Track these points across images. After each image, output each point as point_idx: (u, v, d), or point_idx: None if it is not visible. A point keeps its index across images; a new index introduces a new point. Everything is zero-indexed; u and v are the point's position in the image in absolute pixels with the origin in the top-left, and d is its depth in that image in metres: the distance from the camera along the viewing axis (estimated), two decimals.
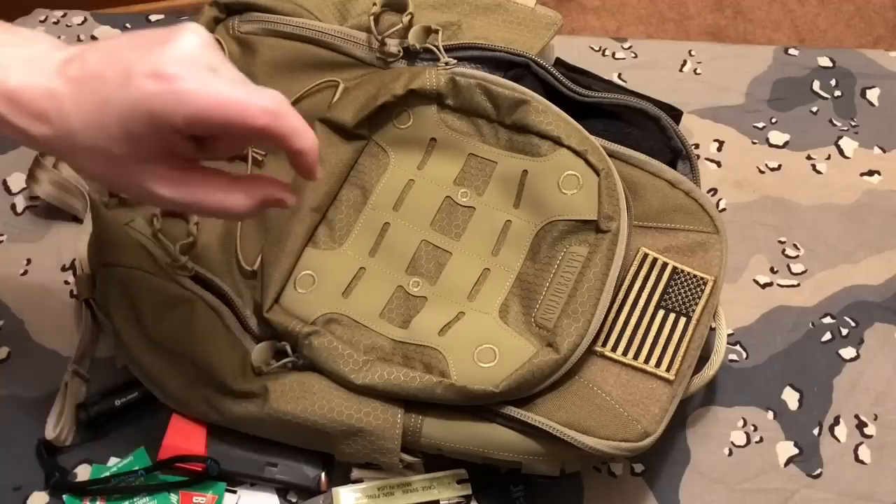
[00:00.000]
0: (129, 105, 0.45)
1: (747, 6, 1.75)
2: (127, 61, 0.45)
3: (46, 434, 0.65)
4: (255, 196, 0.50)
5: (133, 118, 0.45)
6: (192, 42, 0.46)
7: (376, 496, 0.63)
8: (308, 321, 0.64)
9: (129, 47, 0.46)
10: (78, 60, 0.47)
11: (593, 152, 0.64)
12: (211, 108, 0.45)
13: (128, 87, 0.45)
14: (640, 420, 0.60)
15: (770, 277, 0.77)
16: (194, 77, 0.45)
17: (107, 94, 0.45)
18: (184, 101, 0.45)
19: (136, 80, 0.45)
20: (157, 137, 0.46)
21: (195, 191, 0.49)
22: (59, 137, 0.47)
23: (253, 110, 0.46)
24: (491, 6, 0.74)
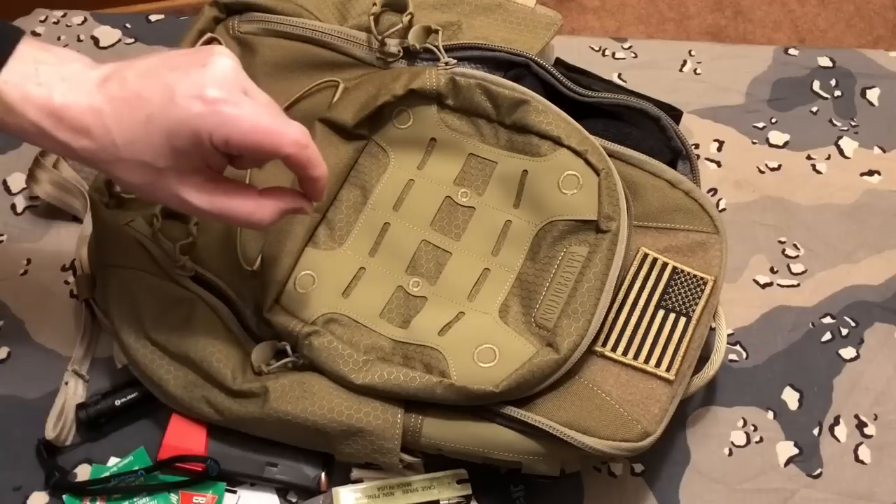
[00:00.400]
0: (174, 123, 0.49)
1: (747, 6, 1.75)
2: (169, 83, 0.50)
3: (46, 434, 0.65)
4: (280, 207, 0.55)
5: (178, 135, 0.50)
6: (226, 65, 0.50)
7: (376, 496, 0.63)
8: (308, 321, 0.64)
9: (168, 69, 0.50)
10: (117, 79, 0.51)
11: (593, 152, 0.64)
12: (249, 133, 0.50)
13: (172, 106, 0.49)
14: (640, 420, 0.60)
15: (770, 277, 0.77)
16: (233, 101, 0.50)
17: (150, 112, 0.50)
18: (225, 123, 0.49)
19: (181, 101, 0.49)
20: (198, 152, 0.51)
21: (226, 202, 0.53)
22: (101, 150, 0.51)
23: (285, 140, 0.51)
24: (491, 6, 0.74)
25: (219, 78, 0.50)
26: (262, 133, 0.50)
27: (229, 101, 0.49)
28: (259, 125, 0.50)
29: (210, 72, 0.50)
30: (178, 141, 0.50)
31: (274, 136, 0.51)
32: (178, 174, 0.52)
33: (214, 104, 0.49)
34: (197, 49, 0.52)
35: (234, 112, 0.49)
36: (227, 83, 0.50)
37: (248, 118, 0.50)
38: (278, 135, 0.51)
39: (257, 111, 0.50)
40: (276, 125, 0.51)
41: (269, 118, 0.51)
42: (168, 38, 0.85)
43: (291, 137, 0.51)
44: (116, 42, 0.86)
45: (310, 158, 0.53)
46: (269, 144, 0.51)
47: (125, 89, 0.50)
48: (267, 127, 0.50)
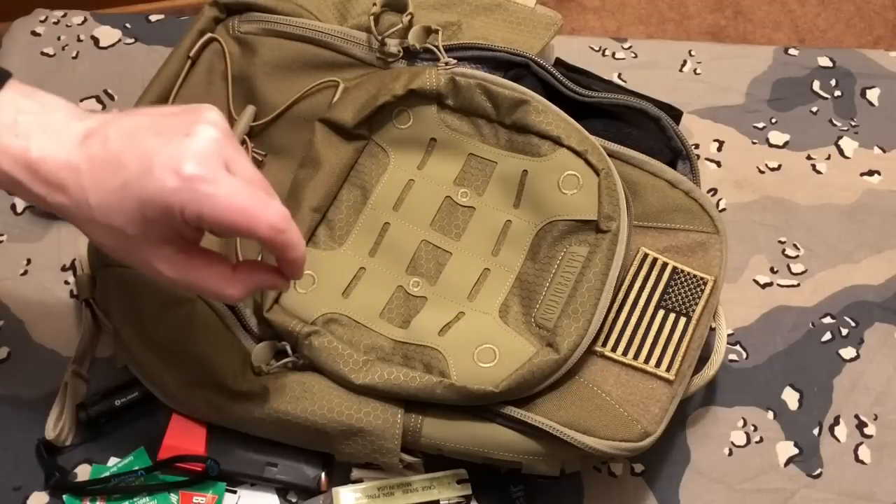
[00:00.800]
0: (148, 195, 0.47)
1: (747, 6, 1.75)
2: (148, 151, 0.48)
3: (46, 434, 0.65)
4: (251, 285, 0.53)
5: (150, 207, 0.48)
6: (209, 136, 0.48)
7: (376, 496, 0.63)
8: (308, 321, 0.64)
9: (151, 133, 0.48)
10: (99, 137, 0.49)
11: (593, 152, 0.64)
12: (223, 213, 0.48)
13: (148, 177, 0.47)
14: (640, 420, 0.60)
15: (770, 277, 0.77)
16: (210, 178, 0.47)
17: (126, 178, 0.48)
18: (199, 201, 0.47)
19: (157, 173, 0.47)
20: (169, 225, 0.49)
21: (197, 275, 0.51)
22: (75, 207, 0.49)
23: (261, 224, 0.49)
24: (491, 6, 0.74)
25: (199, 151, 0.48)
26: (237, 214, 0.48)
27: (206, 178, 0.47)
28: (234, 206, 0.48)
29: (191, 143, 0.48)
30: (150, 212, 0.48)
31: (249, 218, 0.48)
32: (148, 243, 0.50)
33: (190, 181, 0.47)
34: (186, 110, 0.50)
35: (209, 190, 0.47)
36: (207, 157, 0.48)
37: (224, 198, 0.47)
38: (254, 218, 0.48)
39: (234, 190, 0.48)
40: (252, 207, 0.48)
41: (246, 198, 0.48)
42: (168, 38, 0.85)
43: (268, 221, 0.49)
44: (116, 42, 0.86)
45: (286, 243, 0.50)
46: (245, 226, 0.48)
47: (105, 150, 0.48)
48: (243, 208, 0.48)
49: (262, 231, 0.49)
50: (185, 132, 0.48)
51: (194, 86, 0.73)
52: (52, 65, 0.84)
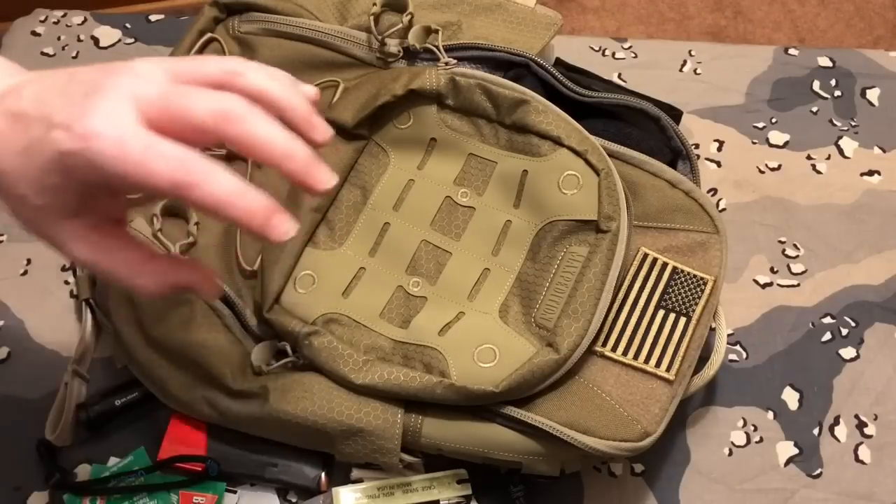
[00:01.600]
0: (46, 157, 0.42)
1: (747, 6, 1.75)
2: (51, 109, 0.43)
3: (46, 434, 0.65)
4: (168, 281, 0.47)
5: (48, 170, 0.43)
6: (124, 91, 0.43)
7: (376, 496, 0.63)
8: (308, 321, 0.64)
9: (61, 92, 0.43)
10: (13, 96, 0.44)
11: (593, 152, 0.64)
12: (117, 173, 0.42)
13: (46, 137, 0.42)
14: (640, 420, 0.60)
15: (770, 277, 0.77)
16: (109, 135, 0.41)
17: (29, 139, 0.43)
18: (94, 162, 0.42)
19: (55, 133, 0.42)
20: (73, 192, 0.44)
21: (108, 258, 0.46)
22: None
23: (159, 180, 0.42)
24: (491, 6, 0.74)
25: (103, 107, 0.42)
26: (130, 171, 0.41)
27: (100, 135, 0.41)
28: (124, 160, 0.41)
29: (96, 100, 0.42)
30: (48, 177, 0.43)
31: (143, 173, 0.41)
32: (57, 215, 0.45)
33: (84, 139, 0.41)
34: (113, 65, 0.44)
35: (99, 147, 0.41)
36: (111, 114, 0.42)
37: (113, 157, 0.41)
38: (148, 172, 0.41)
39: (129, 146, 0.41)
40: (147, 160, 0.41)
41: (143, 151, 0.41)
42: (168, 38, 0.85)
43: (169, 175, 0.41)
44: (116, 42, 0.86)
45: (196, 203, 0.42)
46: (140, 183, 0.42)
47: (16, 109, 0.44)
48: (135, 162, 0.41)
49: (164, 189, 0.42)
50: (95, 86, 0.43)
51: None
52: (52, 65, 0.84)
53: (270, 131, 0.44)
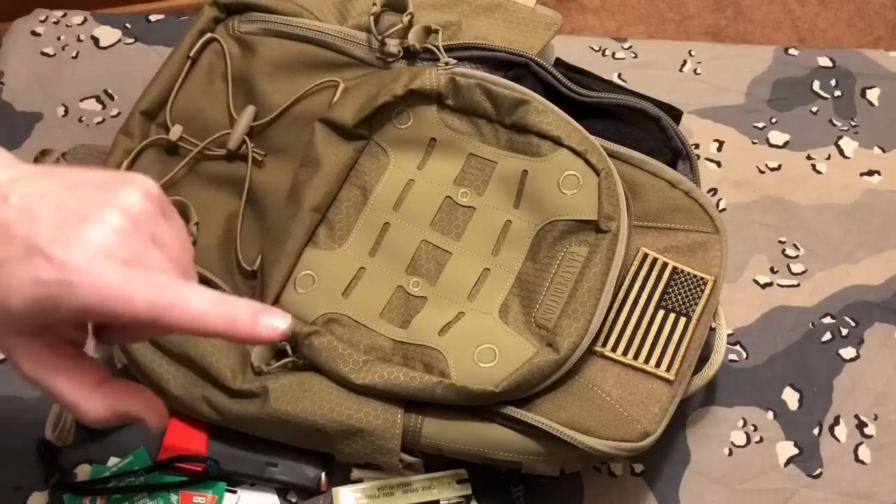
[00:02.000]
0: (19, 282, 0.41)
1: (747, 6, 1.75)
2: (37, 232, 0.41)
3: (46, 434, 0.65)
4: (113, 408, 0.45)
5: (16, 295, 0.41)
6: (111, 225, 0.41)
7: (376, 496, 0.63)
8: (308, 321, 0.64)
9: (52, 207, 0.42)
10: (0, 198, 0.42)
11: (593, 152, 0.64)
12: (94, 306, 0.41)
13: (26, 263, 0.40)
14: (640, 420, 0.60)
15: (770, 277, 0.77)
16: (89, 268, 0.40)
17: (7, 256, 0.41)
18: (70, 296, 0.40)
19: (36, 261, 0.40)
20: (38, 319, 0.42)
21: (54, 379, 0.44)
22: None
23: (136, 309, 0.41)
24: (491, 6, 0.74)
25: (91, 242, 0.41)
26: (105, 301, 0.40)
27: (80, 268, 0.40)
28: (101, 291, 0.40)
29: (85, 232, 0.41)
30: (15, 302, 0.41)
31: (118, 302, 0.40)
32: (9, 331, 0.43)
33: (63, 271, 0.40)
34: (105, 183, 0.43)
35: (77, 279, 0.40)
36: (97, 248, 0.41)
37: (90, 287, 0.40)
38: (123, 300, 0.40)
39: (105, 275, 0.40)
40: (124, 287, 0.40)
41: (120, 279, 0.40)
42: (168, 38, 0.85)
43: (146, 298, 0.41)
44: (116, 42, 0.86)
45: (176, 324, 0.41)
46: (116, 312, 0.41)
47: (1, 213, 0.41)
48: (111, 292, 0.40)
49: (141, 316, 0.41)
50: (84, 216, 0.41)
51: (194, 86, 0.73)
52: (52, 65, 0.84)
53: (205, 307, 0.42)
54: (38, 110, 0.82)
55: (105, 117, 0.81)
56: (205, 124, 0.72)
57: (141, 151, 0.71)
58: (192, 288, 0.42)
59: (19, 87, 0.83)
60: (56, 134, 0.80)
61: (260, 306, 0.43)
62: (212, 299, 0.42)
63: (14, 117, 0.81)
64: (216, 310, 0.42)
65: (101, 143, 0.75)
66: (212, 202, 0.70)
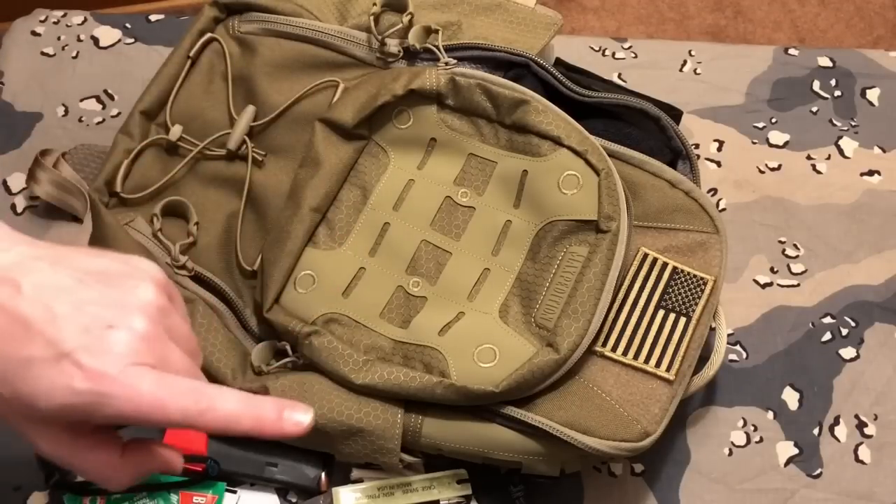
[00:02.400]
0: (48, 387, 0.41)
1: (747, 6, 1.75)
2: (63, 336, 0.41)
3: None
4: (135, 474, 0.47)
5: (47, 399, 0.41)
6: (137, 331, 0.42)
7: (376, 496, 0.63)
8: (308, 321, 0.64)
9: (70, 310, 0.42)
10: (10, 287, 0.42)
11: (593, 152, 0.64)
12: (131, 416, 0.42)
13: (56, 369, 0.41)
14: (640, 420, 0.60)
15: (770, 277, 0.77)
16: (123, 379, 0.41)
17: (31, 356, 0.41)
18: (107, 406, 0.41)
19: (67, 369, 0.41)
20: (63, 418, 0.43)
21: (79, 459, 0.45)
22: None
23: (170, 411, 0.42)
24: (491, 6, 0.74)
25: (119, 348, 0.41)
26: (143, 412, 0.42)
27: (115, 380, 0.41)
28: (138, 404, 0.42)
29: (114, 340, 0.42)
30: (44, 404, 0.41)
31: (154, 412, 0.42)
32: (32, 421, 0.44)
33: (98, 383, 0.41)
34: (117, 278, 0.44)
35: (114, 392, 0.41)
36: (126, 354, 0.42)
37: (127, 400, 0.41)
38: (159, 410, 0.42)
39: (140, 387, 0.42)
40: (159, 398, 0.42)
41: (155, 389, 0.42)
42: (168, 38, 0.85)
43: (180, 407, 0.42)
44: (116, 42, 0.86)
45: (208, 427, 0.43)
46: (153, 422, 0.42)
47: (13, 308, 0.41)
48: (148, 403, 0.42)
49: (176, 422, 0.43)
50: (108, 322, 0.42)
51: (194, 86, 0.73)
52: (52, 65, 0.84)
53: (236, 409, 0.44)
54: (38, 110, 0.82)
55: (105, 117, 0.81)
56: (205, 124, 0.72)
57: (141, 151, 0.71)
58: (221, 391, 0.44)
59: (19, 87, 0.83)
60: (56, 134, 0.80)
61: (284, 402, 0.45)
62: (240, 401, 0.44)
63: (14, 117, 0.81)
64: (245, 412, 0.44)
65: (101, 143, 0.75)
66: (212, 202, 0.70)
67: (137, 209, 0.69)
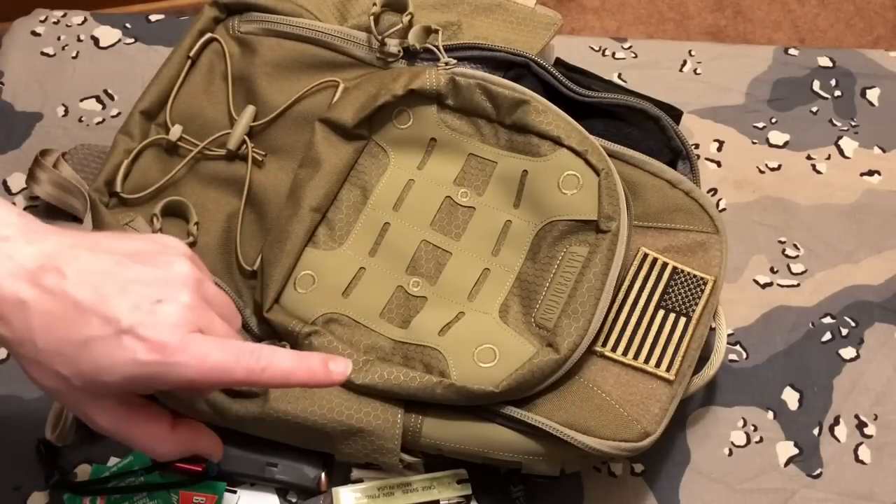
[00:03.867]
0: (113, 363, 0.44)
1: (747, 6, 1.75)
2: (117, 314, 0.44)
3: (46, 434, 0.65)
4: (183, 449, 0.50)
5: (114, 373, 0.44)
6: (183, 302, 0.45)
7: (376, 496, 0.63)
8: (308, 321, 0.64)
9: (117, 288, 0.44)
10: (55, 274, 0.44)
11: (593, 152, 0.64)
12: (196, 379, 0.45)
13: (118, 344, 0.43)
14: (640, 420, 0.60)
15: (770, 277, 0.77)
16: (183, 349, 0.44)
17: (87, 336, 0.43)
18: (176, 374, 0.44)
19: (129, 342, 0.43)
20: (124, 387, 0.45)
21: (132, 430, 0.48)
22: (17, 343, 0.44)
23: (236, 376, 0.46)
24: (491, 6, 0.74)
25: (172, 322, 0.44)
26: (212, 376, 0.45)
27: (179, 349, 0.44)
28: (205, 370, 0.44)
29: (163, 313, 0.44)
30: (110, 377, 0.44)
31: (224, 375, 0.45)
32: (92, 396, 0.46)
33: (164, 353, 0.43)
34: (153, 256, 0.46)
35: (181, 360, 0.44)
36: (179, 326, 0.44)
37: (196, 367, 0.44)
38: (226, 372, 0.45)
39: (204, 351, 0.45)
40: (224, 364, 0.45)
41: (217, 353, 0.45)
42: (168, 38, 0.85)
43: (245, 367, 0.46)
44: (116, 42, 0.86)
45: (268, 381, 0.47)
46: (221, 383, 0.46)
47: (62, 293, 0.43)
48: (213, 366, 0.45)
49: (242, 380, 0.46)
50: (157, 297, 0.45)
51: (194, 86, 0.73)
52: (52, 65, 0.84)
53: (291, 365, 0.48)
54: (38, 110, 0.82)
55: (105, 117, 0.81)
56: (205, 124, 0.72)
57: (141, 151, 0.71)
58: (274, 350, 0.47)
59: (19, 87, 0.83)
60: (56, 134, 0.80)
61: (327, 356, 0.48)
62: (293, 357, 0.47)
63: (14, 117, 0.81)
64: (298, 366, 0.47)
65: (101, 143, 0.75)
66: (212, 202, 0.70)
67: (137, 209, 0.69)
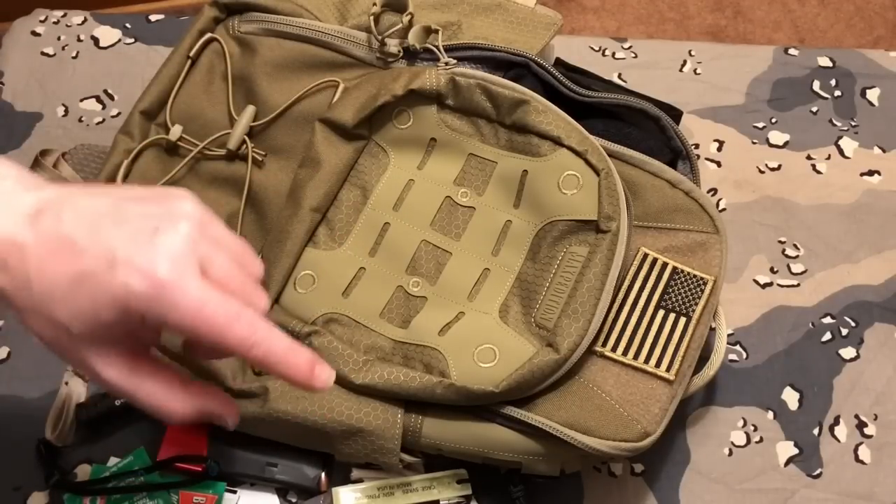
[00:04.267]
0: (108, 295, 0.42)
1: (747, 6, 1.75)
2: (110, 243, 0.42)
3: (46, 434, 0.65)
4: (197, 407, 0.48)
5: (107, 307, 0.42)
6: (183, 233, 0.43)
7: (376, 496, 0.63)
8: (308, 321, 0.64)
9: (113, 222, 0.43)
10: (51, 215, 0.43)
11: (593, 152, 0.64)
12: (189, 323, 0.43)
13: (111, 275, 0.42)
14: (640, 420, 0.60)
15: (770, 277, 0.77)
16: (181, 284, 0.42)
17: (81, 270, 0.42)
18: (165, 309, 0.42)
19: (121, 272, 0.42)
20: (124, 327, 0.44)
21: (139, 383, 0.46)
22: (14, 291, 0.43)
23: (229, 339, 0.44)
24: (491, 6, 0.74)
25: (171, 251, 0.42)
26: (204, 326, 0.43)
27: (176, 283, 0.42)
28: (201, 317, 0.42)
29: (162, 242, 0.42)
30: (106, 313, 0.42)
31: (216, 331, 0.43)
32: (94, 343, 0.44)
33: (161, 286, 0.42)
34: (155, 197, 0.45)
35: (178, 297, 0.42)
36: (179, 259, 0.42)
37: (192, 308, 0.42)
38: (222, 332, 0.43)
39: (204, 299, 0.42)
40: (221, 320, 0.43)
41: (215, 309, 0.43)
42: (168, 38, 0.85)
43: (236, 336, 0.43)
44: (116, 42, 0.86)
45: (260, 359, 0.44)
46: (211, 339, 0.43)
47: (58, 231, 0.43)
48: (210, 319, 0.43)
49: (231, 345, 0.44)
50: (154, 227, 0.43)
51: (194, 86, 0.73)
52: (52, 65, 0.84)
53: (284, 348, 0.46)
54: (38, 110, 0.82)
55: (105, 117, 0.81)
56: (205, 124, 0.72)
57: (141, 151, 0.71)
58: (272, 330, 0.45)
59: (19, 87, 0.83)
60: (56, 134, 0.80)
61: (316, 359, 0.46)
62: (287, 346, 0.45)
63: (14, 117, 0.81)
64: (289, 355, 0.45)
65: (101, 143, 0.75)
66: (212, 202, 0.70)
67: None
